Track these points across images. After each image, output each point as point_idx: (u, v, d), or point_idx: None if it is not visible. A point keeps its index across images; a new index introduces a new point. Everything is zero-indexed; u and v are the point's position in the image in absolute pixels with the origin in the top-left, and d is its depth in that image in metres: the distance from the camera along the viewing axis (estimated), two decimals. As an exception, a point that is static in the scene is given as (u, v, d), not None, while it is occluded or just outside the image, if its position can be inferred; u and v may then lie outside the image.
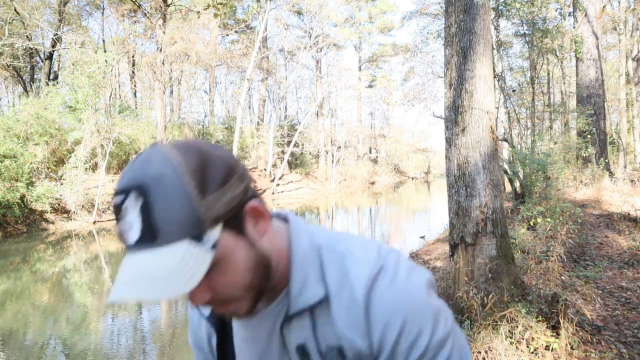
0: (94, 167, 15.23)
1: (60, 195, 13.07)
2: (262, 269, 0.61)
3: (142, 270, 0.50)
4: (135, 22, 24.92)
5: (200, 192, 0.52)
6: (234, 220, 0.56)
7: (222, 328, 0.75)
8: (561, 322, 3.15)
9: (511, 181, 9.08)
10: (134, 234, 0.51)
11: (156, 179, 0.51)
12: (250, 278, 0.59)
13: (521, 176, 8.62)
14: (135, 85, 27.10)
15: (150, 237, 0.51)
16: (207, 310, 0.75)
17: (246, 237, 0.58)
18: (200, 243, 0.52)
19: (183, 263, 0.51)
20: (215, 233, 0.54)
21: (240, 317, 0.63)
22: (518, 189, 8.81)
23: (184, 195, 0.51)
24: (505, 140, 9.77)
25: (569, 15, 13.20)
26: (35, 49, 18.88)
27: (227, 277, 0.57)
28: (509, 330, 3.18)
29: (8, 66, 18.87)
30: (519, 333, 3.12)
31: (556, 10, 13.14)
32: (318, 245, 0.67)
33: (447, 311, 0.65)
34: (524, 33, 13.27)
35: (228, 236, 0.56)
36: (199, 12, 21.62)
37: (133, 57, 25.97)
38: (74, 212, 13.25)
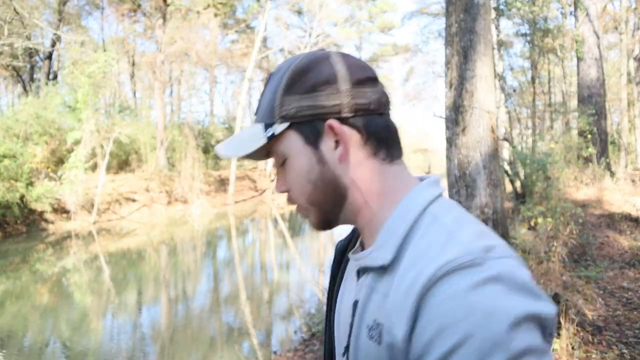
0: (94, 167, 15.20)
1: (60, 195, 13.04)
2: (327, 189, 0.62)
3: (239, 135, 0.65)
4: (135, 21, 24.90)
5: (285, 91, 0.60)
6: (306, 128, 0.60)
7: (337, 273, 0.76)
8: (562, 322, 3.14)
9: (512, 181, 9.05)
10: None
11: (276, 70, 0.63)
12: (312, 190, 0.62)
13: (522, 176, 8.60)
14: (135, 85, 27.10)
15: (255, 113, 0.66)
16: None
17: (317, 150, 0.61)
18: (266, 131, 0.61)
19: (248, 138, 0.62)
20: (278, 128, 0.60)
21: (313, 226, 0.66)
22: (519, 189, 8.79)
23: (276, 88, 0.61)
24: (506, 140, 9.75)
25: (570, 14, 13.17)
26: (35, 49, 18.85)
27: (291, 176, 0.63)
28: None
29: (7, 66, 18.86)
30: (520, 334, 3.09)
31: (557, 9, 13.11)
32: (428, 210, 0.57)
33: None
34: (525, 32, 13.24)
35: (296, 139, 0.61)
36: (198, 11, 21.61)
37: (133, 56, 25.95)
38: (74, 212, 13.23)
